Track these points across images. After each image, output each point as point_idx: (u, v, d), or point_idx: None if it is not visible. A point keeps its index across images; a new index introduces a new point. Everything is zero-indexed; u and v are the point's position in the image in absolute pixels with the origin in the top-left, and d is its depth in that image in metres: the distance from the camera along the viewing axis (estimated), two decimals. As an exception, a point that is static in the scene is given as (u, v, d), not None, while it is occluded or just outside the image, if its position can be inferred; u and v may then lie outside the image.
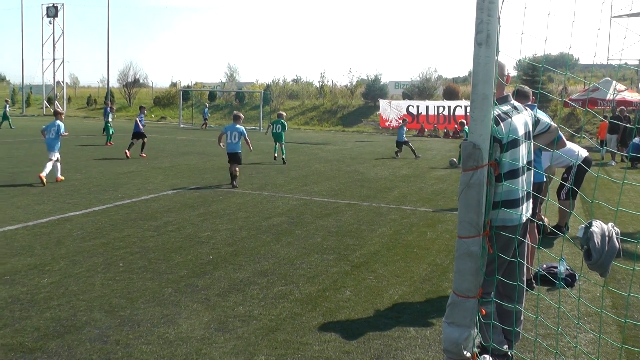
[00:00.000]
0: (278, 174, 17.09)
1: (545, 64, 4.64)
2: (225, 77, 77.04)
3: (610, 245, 3.95)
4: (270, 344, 5.12)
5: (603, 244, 3.94)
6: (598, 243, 3.92)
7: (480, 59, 3.69)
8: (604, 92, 28.23)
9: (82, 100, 67.97)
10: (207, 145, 27.13)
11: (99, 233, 9.01)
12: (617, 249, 4.00)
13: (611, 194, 14.61)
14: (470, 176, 3.77)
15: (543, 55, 5.42)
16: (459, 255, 3.83)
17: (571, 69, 61.79)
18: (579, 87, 41.96)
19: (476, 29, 3.67)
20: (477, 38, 3.67)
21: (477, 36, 3.66)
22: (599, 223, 4.03)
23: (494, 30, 3.66)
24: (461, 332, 3.86)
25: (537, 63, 30.39)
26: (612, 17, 31.96)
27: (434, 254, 8.39)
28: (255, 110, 53.23)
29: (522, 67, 43.69)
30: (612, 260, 4.11)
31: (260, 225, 9.94)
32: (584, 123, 42.09)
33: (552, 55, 66.83)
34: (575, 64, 71.29)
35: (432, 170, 19.44)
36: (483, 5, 3.63)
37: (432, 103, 44.31)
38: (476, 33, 3.67)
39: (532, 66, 40.03)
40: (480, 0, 3.64)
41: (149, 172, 16.81)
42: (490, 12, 3.63)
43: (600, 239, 3.95)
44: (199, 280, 6.85)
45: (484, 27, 3.64)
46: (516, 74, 43.27)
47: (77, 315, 5.66)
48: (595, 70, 44.53)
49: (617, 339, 5.49)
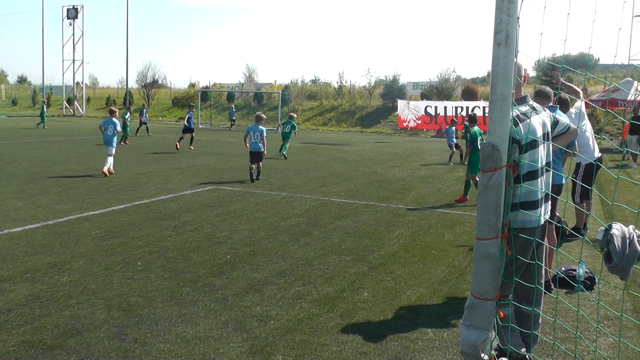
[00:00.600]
0: (296, 175, 17.11)
1: (564, 64, 4.61)
2: (243, 78, 77.39)
3: (631, 248, 3.91)
4: (288, 344, 5.13)
5: (624, 247, 3.90)
6: (619, 246, 3.88)
7: (499, 59, 3.67)
8: (624, 93, 27.94)
9: (102, 101, 68.46)
10: (225, 146, 27.22)
11: (117, 232, 9.07)
12: (639, 252, 3.96)
13: (632, 196, 14.45)
14: (489, 178, 3.75)
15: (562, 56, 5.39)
16: (477, 257, 3.81)
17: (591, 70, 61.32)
18: (599, 88, 41.60)
19: (495, 29, 3.65)
20: (496, 38, 3.65)
21: (497, 36, 3.65)
22: (620, 225, 3.99)
23: (513, 30, 3.64)
24: (479, 334, 3.84)
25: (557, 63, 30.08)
26: (633, 17, 31.70)
27: (452, 255, 8.35)
28: (273, 110, 53.30)
29: (542, 67, 43.42)
30: (633, 264, 4.07)
31: (278, 225, 9.96)
32: (604, 124, 41.73)
33: (572, 55, 66.25)
34: (595, 64, 70.66)
35: (451, 171, 19.35)
36: (502, 5, 3.62)
37: (450, 104, 44.11)
38: (495, 33, 3.65)
39: (551, 66, 39.73)
40: (500, 1, 3.62)
41: (168, 172, 16.90)
42: (509, 12, 3.62)
43: (621, 242, 3.90)
44: (217, 280, 6.87)
45: (503, 27, 3.62)
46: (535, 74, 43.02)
47: (96, 314, 5.70)
48: (616, 70, 44.17)
49: (638, 344, 5.42)
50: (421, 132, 44.28)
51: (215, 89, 67.78)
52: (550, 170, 4.59)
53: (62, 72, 62.98)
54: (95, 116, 60.49)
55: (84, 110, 62.25)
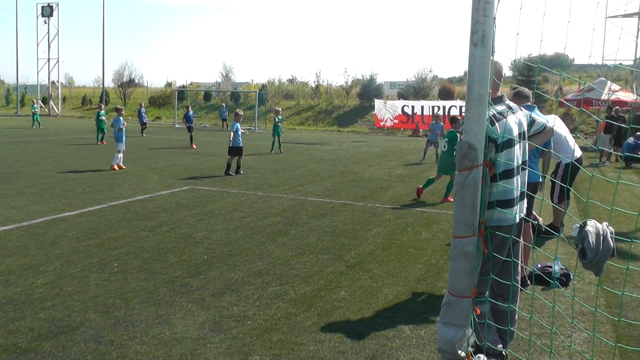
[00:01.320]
0: (273, 174, 17.09)
1: (540, 64, 4.65)
2: (220, 77, 77.10)
3: (604, 245, 3.96)
4: (265, 344, 5.12)
5: (598, 244, 3.95)
6: (593, 242, 3.93)
7: (475, 59, 3.69)
8: (599, 92, 28.27)
9: (77, 100, 67.80)
10: (203, 145, 27.11)
11: (94, 233, 8.99)
12: (612, 249, 4.01)
13: (606, 193, 14.63)
14: (465, 176, 3.77)
15: (538, 56, 5.42)
16: (454, 255, 3.84)
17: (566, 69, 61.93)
18: (574, 87, 42.02)
19: (472, 29, 3.67)
20: (472, 38, 3.67)
21: (473, 36, 3.67)
22: (594, 222, 4.04)
23: (490, 30, 3.67)
24: (456, 331, 3.86)
25: (533, 63, 30.44)
26: (607, 18, 32.10)
27: (429, 254, 8.40)
28: (250, 110, 53.17)
29: (518, 67, 43.80)
30: (607, 260, 4.13)
31: (255, 225, 9.94)
32: (579, 123, 42.18)
33: (548, 55, 66.97)
34: (570, 64, 71.53)
35: (428, 170, 19.44)
36: (479, 5, 3.64)
37: (427, 103, 44.30)
38: (472, 33, 3.67)
39: (527, 66, 40.12)
40: (476, 1, 3.64)
41: (145, 172, 16.79)
42: (485, 12, 3.64)
43: (595, 239, 3.95)
44: (194, 281, 6.85)
45: (480, 28, 3.64)
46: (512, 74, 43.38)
47: (72, 316, 5.65)
48: (591, 70, 44.69)
49: (611, 338, 5.51)
50: (398, 132, 44.46)
51: (192, 88, 67.43)
52: (527, 169, 4.63)
53: (37, 71, 62.32)
54: (71, 115, 59.97)
55: (59, 109, 61.58)
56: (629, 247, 8.83)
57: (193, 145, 26.28)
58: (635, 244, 9.07)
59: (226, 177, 16.16)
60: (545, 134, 5.00)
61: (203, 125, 49.06)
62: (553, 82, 50.34)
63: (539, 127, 4.91)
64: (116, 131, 17.90)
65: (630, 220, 11.01)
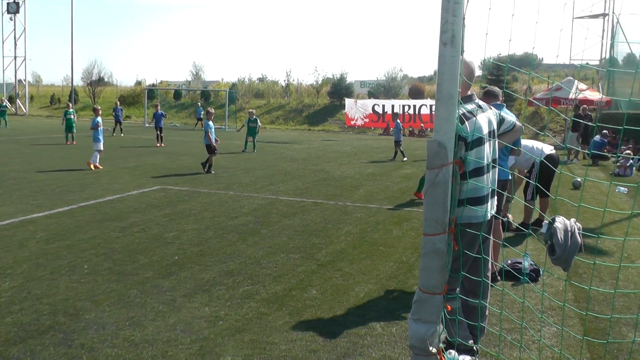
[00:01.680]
0: (244, 173, 17.05)
1: (510, 63, 4.71)
2: (190, 76, 76.56)
3: (572, 241, 4.03)
4: (237, 345, 5.12)
5: (566, 240, 4.01)
6: (561, 238, 3.99)
7: (445, 58, 3.72)
8: (566, 91, 28.69)
9: (45, 99, 66.82)
10: (173, 145, 26.93)
11: (63, 235, 8.89)
12: (579, 244, 4.08)
13: (574, 190, 14.85)
14: (435, 174, 3.80)
15: (508, 55, 5.49)
16: (425, 252, 3.87)
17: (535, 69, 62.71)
18: (543, 87, 42.52)
19: (441, 28, 3.70)
20: (442, 38, 3.70)
21: (443, 36, 3.70)
22: (562, 219, 4.11)
23: (459, 30, 3.70)
24: (427, 328, 3.90)
25: (502, 63, 30.71)
26: (574, 19, 32.53)
27: (400, 251, 8.45)
28: (221, 109, 52.93)
29: (487, 66, 44.16)
30: (575, 255, 4.20)
31: (226, 225, 9.91)
32: (547, 121, 42.70)
33: (517, 55, 67.60)
34: (539, 63, 72.34)
35: (398, 168, 19.55)
36: (448, 5, 3.67)
37: (397, 102, 44.46)
38: (441, 33, 3.70)
39: (497, 66, 40.48)
40: (446, 1, 3.67)
41: (115, 172, 16.64)
42: (455, 12, 3.67)
43: (564, 235, 4.02)
44: (165, 282, 6.81)
45: (449, 27, 3.67)
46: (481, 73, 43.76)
47: (41, 320, 5.58)
48: (559, 70, 45.25)
49: (579, 332, 5.61)
50: (369, 130, 44.61)
51: (162, 86, 66.92)
52: (497, 167, 4.69)
53: (3, 69, 61.28)
54: (39, 115, 59.08)
55: (27, 108, 60.64)
56: (596, 242, 8.98)
57: (161, 144, 26.36)
58: (601, 240, 9.22)
59: (196, 176, 16.08)
60: (515, 132, 5.08)
61: (173, 124, 48.70)
62: (522, 81, 50.89)
63: (509, 125, 4.99)
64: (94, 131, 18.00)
65: (597, 217, 11.19)
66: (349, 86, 54.75)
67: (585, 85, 33.15)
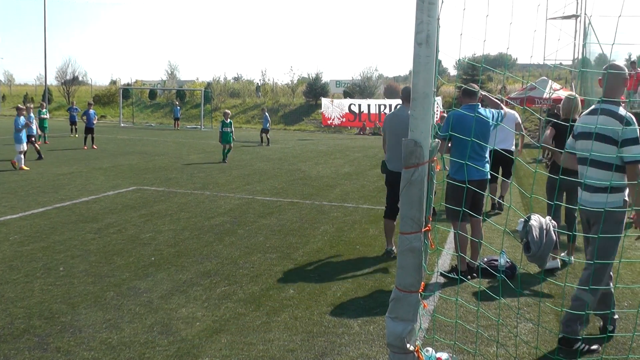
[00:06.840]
0: (220, 173, 17.00)
1: (484, 63, 4.78)
2: (165, 75, 76.06)
3: (547, 238, 4.11)
4: (215, 345, 5.12)
5: (541, 237, 4.09)
6: (536, 236, 4.07)
7: (420, 58, 3.76)
8: (540, 91, 29.00)
9: (18, 99, 65.88)
10: (149, 145, 26.76)
11: (38, 237, 8.81)
12: (554, 242, 4.16)
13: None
14: (411, 173, 3.84)
15: (482, 55, 5.56)
16: (401, 251, 3.91)
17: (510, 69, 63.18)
18: (518, 86, 42.87)
19: (416, 29, 3.74)
20: (417, 38, 3.74)
21: (417, 36, 3.73)
22: (537, 217, 4.19)
23: (434, 30, 3.74)
24: (404, 326, 3.93)
25: (477, 63, 30.95)
26: (547, 19, 32.85)
27: (376, 250, 8.50)
28: (196, 108, 52.74)
29: (462, 66, 44.46)
30: (549, 252, 4.28)
31: (202, 225, 9.89)
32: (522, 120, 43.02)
33: (491, 55, 68.24)
34: (513, 63, 73.04)
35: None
36: (423, 6, 3.70)
37: (373, 101, 44.58)
38: (416, 33, 3.74)
39: (471, 65, 40.77)
40: (420, 1, 3.71)
41: (90, 172, 16.50)
42: (430, 12, 3.71)
43: (539, 232, 4.10)
44: (142, 283, 6.78)
45: (424, 28, 3.71)
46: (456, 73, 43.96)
47: (15, 323, 5.53)
48: (533, 69, 45.67)
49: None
50: (345, 130, 44.68)
51: (137, 86, 66.42)
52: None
53: (-26, 69, 60.41)
54: (12, 115, 58.13)
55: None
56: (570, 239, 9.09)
57: (91, 146, 24.20)
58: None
59: (172, 176, 15.98)
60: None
61: (148, 124, 48.36)
62: (497, 81, 51.30)
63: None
64: (15, 132, 17.73)
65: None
66: (324, 86, 54.77)
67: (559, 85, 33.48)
